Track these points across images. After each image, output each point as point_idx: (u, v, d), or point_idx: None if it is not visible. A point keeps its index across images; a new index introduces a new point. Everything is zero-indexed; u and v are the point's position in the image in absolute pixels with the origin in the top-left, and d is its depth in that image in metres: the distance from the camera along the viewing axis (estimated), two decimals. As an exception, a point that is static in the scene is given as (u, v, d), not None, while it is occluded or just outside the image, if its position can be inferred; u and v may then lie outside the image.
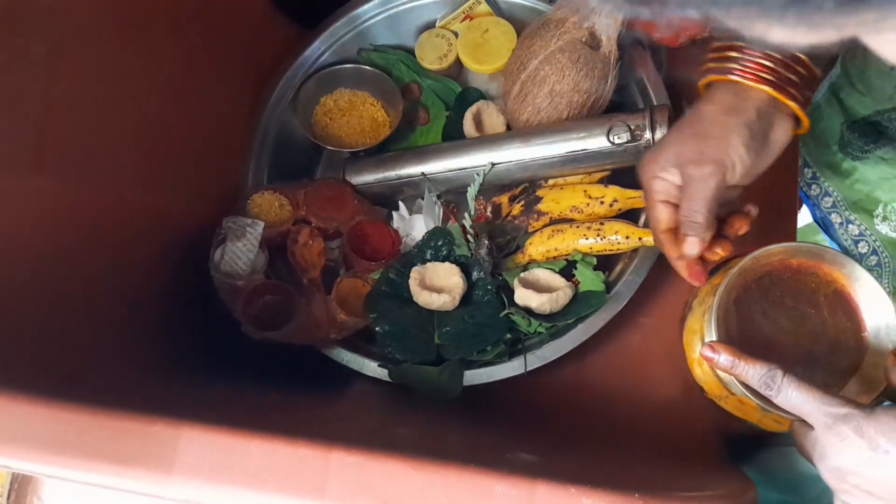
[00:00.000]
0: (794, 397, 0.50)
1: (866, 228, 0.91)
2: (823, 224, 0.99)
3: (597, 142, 0.68)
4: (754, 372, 0.51)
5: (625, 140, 0.67)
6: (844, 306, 0.57)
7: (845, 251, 0.94)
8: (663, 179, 0.58)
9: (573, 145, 0.68)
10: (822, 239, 1.05)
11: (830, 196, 0.94)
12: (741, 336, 0.57)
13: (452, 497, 0.45)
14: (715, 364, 0.53)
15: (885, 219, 0.88)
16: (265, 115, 0.79)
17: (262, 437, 0.45)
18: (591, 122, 0.69)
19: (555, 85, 0.71)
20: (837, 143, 0.89)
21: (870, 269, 0.71)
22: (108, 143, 0.62)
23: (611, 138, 0.67)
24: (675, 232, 0.60)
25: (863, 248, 0.93)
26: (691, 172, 0.56)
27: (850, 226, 0.93)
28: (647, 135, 0.66)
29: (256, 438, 0.45)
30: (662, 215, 0.60)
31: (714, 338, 0.55)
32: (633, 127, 0.67)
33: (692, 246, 0.58)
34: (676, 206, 0.59)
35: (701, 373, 0.65)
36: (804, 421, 0.51)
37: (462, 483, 0.45)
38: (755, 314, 0.58)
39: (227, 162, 0.78)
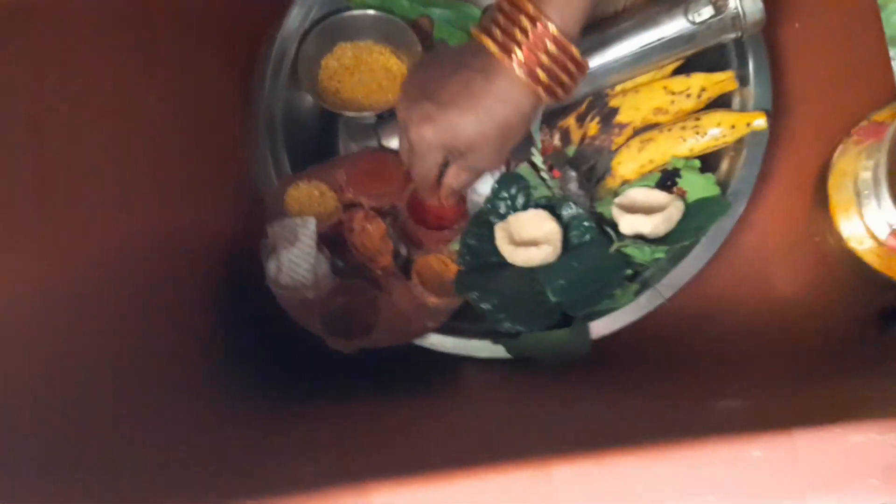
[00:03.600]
0: None
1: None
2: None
3: (675, 25, 0.58)
4: None
5: (707, 16, 0.57)
6: None
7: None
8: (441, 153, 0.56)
9: (647, 36, 0.58)
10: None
11: None
12: None
13: (712, 479, 0.36)
14: None
15: None
16: (264, 95, 0.67)
17: (457, 474, 0.35)
18: (662, 4, 0.58)
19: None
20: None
21: None
22: (113, 159, 0.49)
23: (690, 17, 0.57)
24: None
25: None
26: (474, 167, 0.57)
27: None
28: (733, 3, 0.56)
29: (454, 477, 0.35)
30: (435, 172, 0.58)
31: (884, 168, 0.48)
32: (714, -2, 0.57)
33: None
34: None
35: (844, 215, 0.58)
36: None
37: (716, 458, 0.36)
38: None
39: (240, 158, 0.65)
